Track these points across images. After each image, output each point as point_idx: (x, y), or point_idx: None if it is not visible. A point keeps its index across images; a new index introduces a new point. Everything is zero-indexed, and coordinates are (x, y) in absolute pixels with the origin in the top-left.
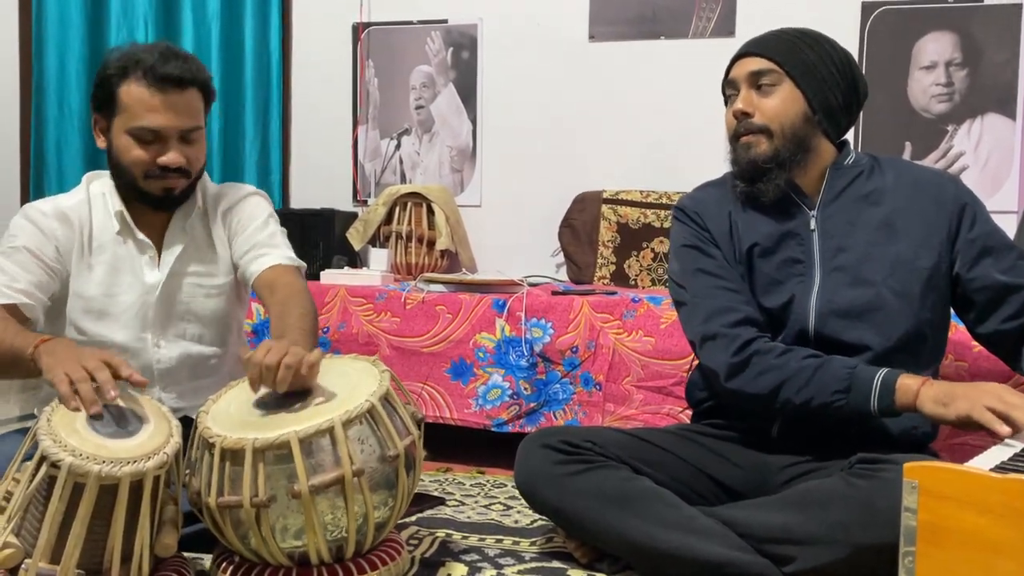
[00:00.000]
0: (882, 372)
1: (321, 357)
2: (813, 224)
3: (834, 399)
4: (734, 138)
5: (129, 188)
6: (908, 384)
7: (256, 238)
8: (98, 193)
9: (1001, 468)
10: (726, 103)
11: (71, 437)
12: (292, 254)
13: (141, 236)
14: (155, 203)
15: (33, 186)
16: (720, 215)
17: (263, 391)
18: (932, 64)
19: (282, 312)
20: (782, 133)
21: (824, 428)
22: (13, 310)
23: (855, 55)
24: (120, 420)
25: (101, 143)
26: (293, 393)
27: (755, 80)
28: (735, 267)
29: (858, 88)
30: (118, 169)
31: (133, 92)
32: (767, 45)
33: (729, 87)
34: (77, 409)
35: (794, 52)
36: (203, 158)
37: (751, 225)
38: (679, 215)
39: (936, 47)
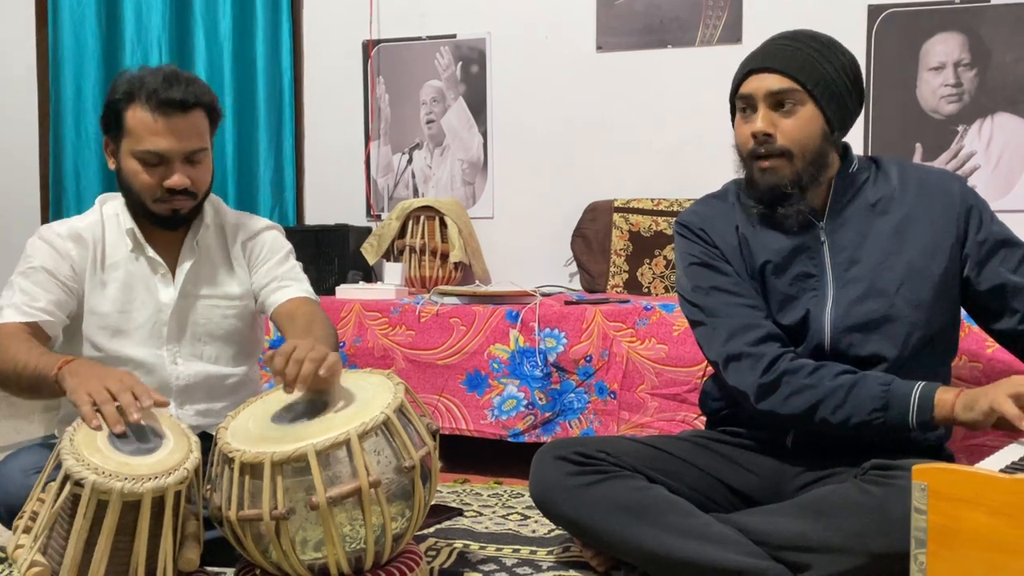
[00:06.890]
0: (919, 387)
1: (340, 362)
2: (823, 236)
3: (872, 417)
4: (751, 158)
5: (138, 208)
6: (945, 398)
7: (276, 271)
8: (111, 213)
9: (1011, 468)
10: (733, 113)
11: (94, 456)
12: (310, 288)
13: (152, 253)
14: (164, 223)
15: (52, 209)
16: (727, 230)
17: (284, 402)
18: (940, 65)
19: (305, 327)
20: (803, 156)
21: (841, 439)
22: (35, 328)
23: (862, 58)
24: (141, 437)
25: (112, 164)
26: (312, 405)
27: (775, 99)
28: (749, 283)
29: (863, 90)
30: (128, 191)
31: (138, 116)
32: (786, 61)
33: (742, 101)
34: (99, 428)
35: (813, 68)
36: (209, 178)
37: (761, 241)
38: (683, 232)
39: (944, 48)
